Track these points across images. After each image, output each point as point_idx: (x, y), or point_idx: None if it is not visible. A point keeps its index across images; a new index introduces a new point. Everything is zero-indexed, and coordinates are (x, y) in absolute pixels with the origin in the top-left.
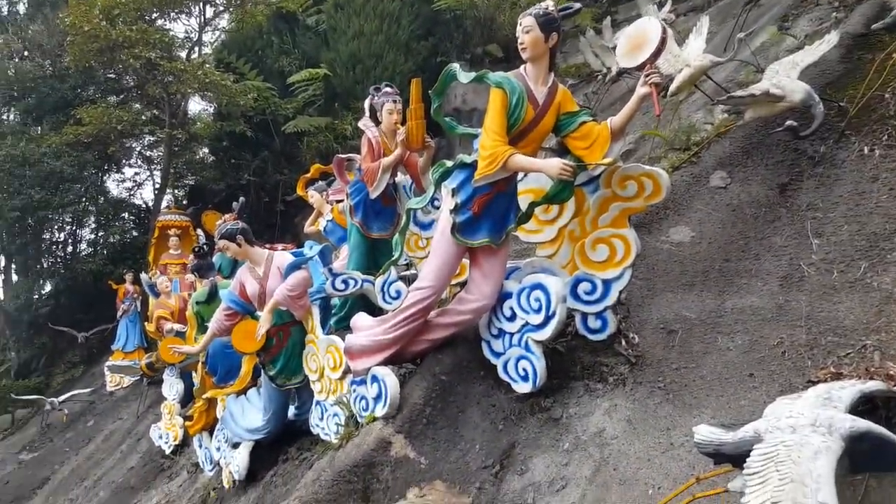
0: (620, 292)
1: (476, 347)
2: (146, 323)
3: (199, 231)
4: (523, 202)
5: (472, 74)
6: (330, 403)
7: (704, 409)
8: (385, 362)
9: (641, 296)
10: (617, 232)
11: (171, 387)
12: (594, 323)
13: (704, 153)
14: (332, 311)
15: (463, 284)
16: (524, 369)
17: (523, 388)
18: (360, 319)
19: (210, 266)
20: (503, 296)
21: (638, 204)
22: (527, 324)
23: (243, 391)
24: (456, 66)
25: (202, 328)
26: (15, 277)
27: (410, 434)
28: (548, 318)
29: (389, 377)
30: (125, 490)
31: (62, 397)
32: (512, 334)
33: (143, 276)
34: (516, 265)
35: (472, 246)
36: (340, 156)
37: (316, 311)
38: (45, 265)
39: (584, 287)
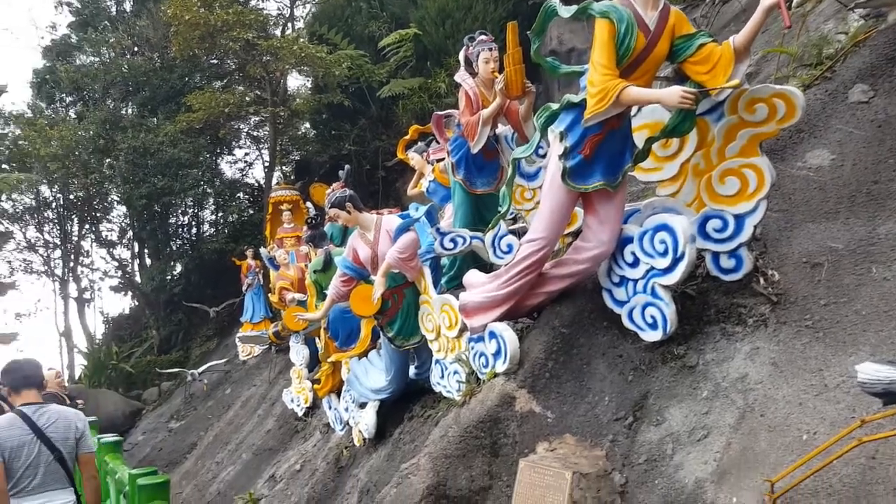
0: (755, 227)
1: (596, 297)
2: (269, 294)
3: (309, 204)
4: (639, 139)
5: (574, 8)
6: (449, 362)
7: (862, 346)
8: (501, 318)
9: (779, 229)
10: (747, 161)
11: (298, 353)
12: (727, 262)
13: (840, 66)
14: (443, 271)
15: (576, 234)
16: (652, 316)
17: (652, 336)
18: (473, 276)
19: (323, 235)
20: (623, 241)
21: (770, 128)
22: (652, 268)
23: (365, 353)
24: (555, 0)
25: (321, 295)
26: (148, 261)
27: (534, 389)
28: (676, 261)
29: (507, 332)
30: (265, 451)
31: (201, 369)
32: (636, 281)
33: (262, 250)
34: (635, 207)
35: (585, 191)
36: (438, 113)
37: (427, 272)
38: (173, 248)
39: (713, 224)
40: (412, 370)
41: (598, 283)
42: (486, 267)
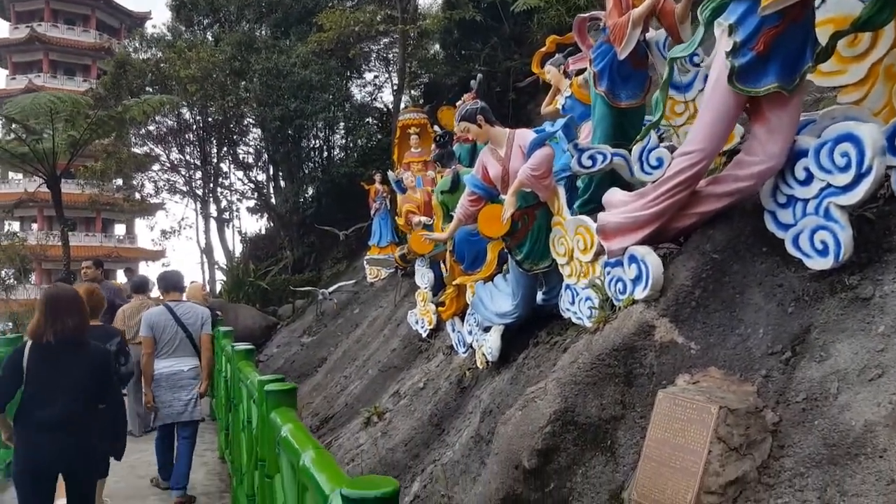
0: None
1: (756, 219)
2: (396, 218)
3: (437, 128)
4: (821, 37)
5: None
6: (581, 287)
7: None
8: (643, 241)
9: None
10: None
11: (423, 276)
12: None
13: None
14: (577, 194)
15: (730, 154)
16: (822, 242)
17: (821, 263)
18: (615, 195)
19: (451, 155)
20: (794, 155)
21: None
22: (828, 186)
23: (490, 277)
24: None
25: (448, 217)
26: (282, 184)
27: (677, 318)
28: (859, 177)
29: (650, 256)
30: (390, 369)
31: (331, 288)
32: (806, 201)
33: (390, 174)
34: (809, 118)
35: (755, 95)
36: (581, 15)
37: (561, 191)
38: (305, 171)
39: None
40: (539, 296)
41: (758, 203)
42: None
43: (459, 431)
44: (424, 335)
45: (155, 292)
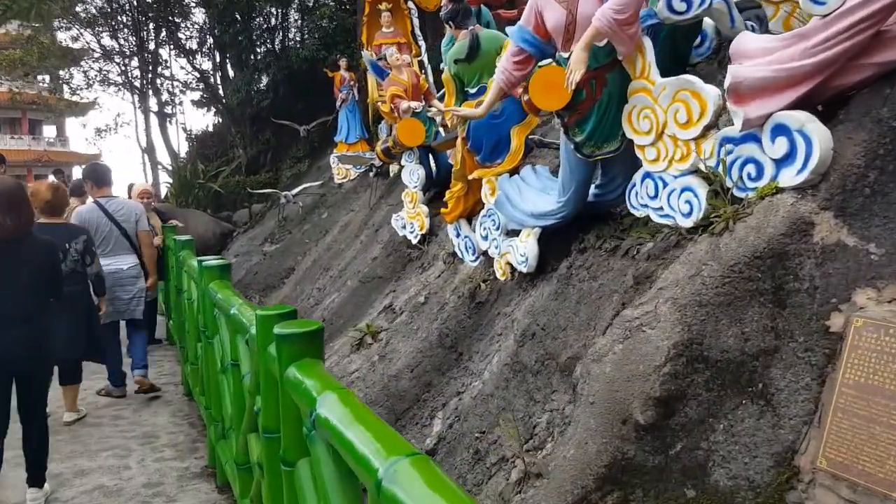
0: None
1: None
2: (379, 105)
3: (411, 4)
4: None
5: None
6: (674, 174)
7: None
8: (795, 105)
9: None
10: None
11: (412, 173)
12: None
13: None
14: None
15: None
16: None
17: None
18: (749, 41)
19: (467, 13)
20: None
21: None
22: None
23: (515, 170)
24: None
25: (461, 95)
26: (231, 73)
27: (845, 211)
28: None
29: (814, 125)
30: (373, 280)
31: (295, 191)
32: None
33: (365, 53)
34: None
35: None
36: None
37: (648, 45)
38: (257, 56)
39: None
40: (592, 189)
41: None
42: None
43: (486, 357)
44: (415, 241)
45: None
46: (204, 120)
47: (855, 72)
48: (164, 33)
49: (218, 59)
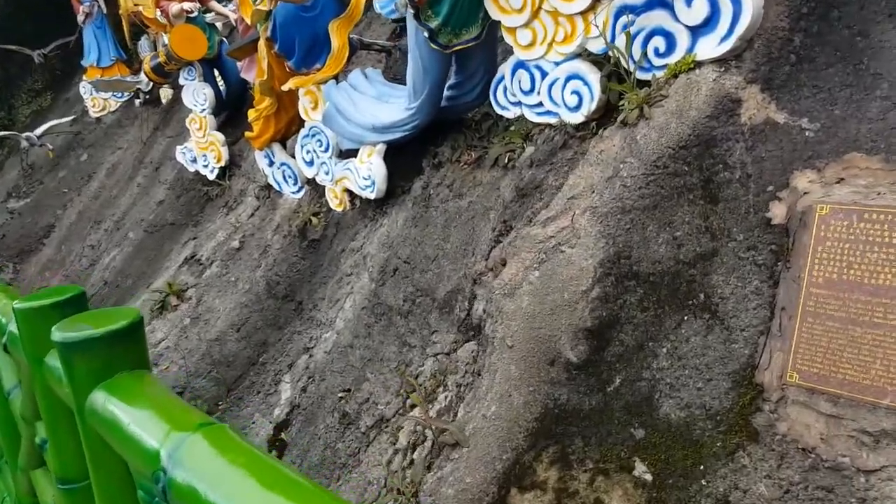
0: None
1: None
2: (139, 10)
3: None
4: None
5: None
6: (555, 61)
7: None
8: None
9: None
10: None
11: (196, 94)
12: None
13: None
14: None
15: None
16: None
17: None
18: None
19: None
20: None
21: None
22: None
23: (339, 75)
24: None
25: None
26: None
27: (771, 83)
28: None
29: None
30: (163, 227)
31: (39, 130)
32: None
33: None
34: None
35: None
36: None
37: None
38: None
39: None
40: (445, 92)
41: None
42: None
43: (336, 302)
44: (212, 176)
45: None
46: None
47: None
48: None
49: None
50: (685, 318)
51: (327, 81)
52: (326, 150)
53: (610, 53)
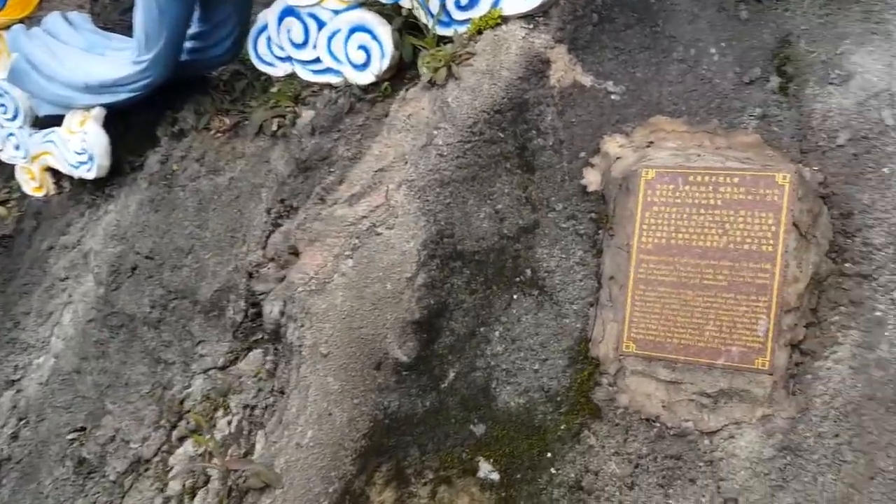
0: None
1: None
2: None
3: None
4: None
5: None
6: (335, 9)
7: None
8: None
9: None
10: None
11: None
12: None
13: None
14: None
15: None
16: None
17: None
18: None
19: None
20: None
21: None
22: None
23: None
24: None
25: None
26: None
27: (576, 44)
28: None
29: None
30: None
31: None
32: None
33: None
34: None
35: None
36: None
37: None
38: None
39: None
40: (186, 44)
41: None
42: None
43: (48, 317)
44: None
45: None
46: None
47: None
48: None
49: None
50: (514, 296)
51: (11, 27)
52: (14, 117)
53: (402, 4)
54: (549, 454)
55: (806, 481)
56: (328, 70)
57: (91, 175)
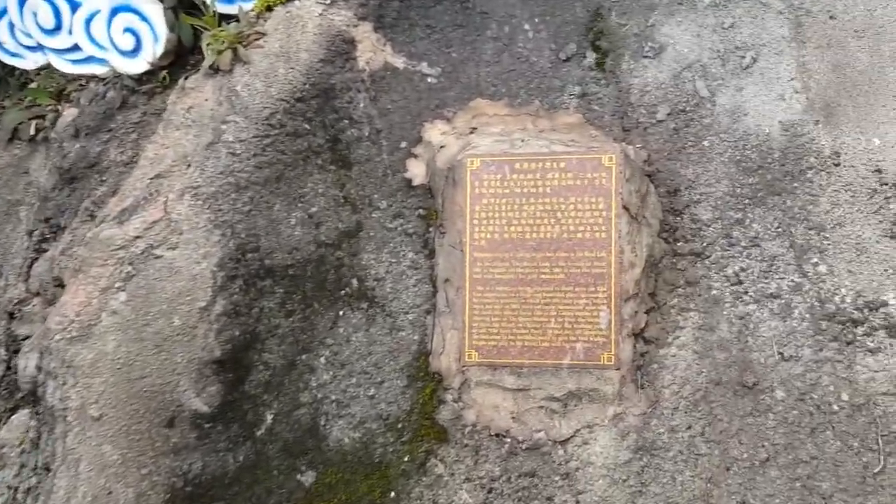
0: None
1: None
2: None
3: None
4: None
5: None
6: None
7: None
8: None
9: None
10: None
11: None
12: None
13: None
14: None
15: None
16: None
17: None
18: None
19: None
20: None
21: None
22: None
23: None
24: None
25: None
26: None
27: (383, 21)
28: None
29: None
30: None
31: None
32: None
33: None
34: None
35: None
36: None
37: None
38: None
39: None
40: None
41: None
42: None
43: None
44: None
45: None
46: None
47: None
48: None
49: None
50: (341, 312)
51: None
52: None
53: None
54: (392, 493)
55: (665, 483)
56: (91, 59)
57: None
